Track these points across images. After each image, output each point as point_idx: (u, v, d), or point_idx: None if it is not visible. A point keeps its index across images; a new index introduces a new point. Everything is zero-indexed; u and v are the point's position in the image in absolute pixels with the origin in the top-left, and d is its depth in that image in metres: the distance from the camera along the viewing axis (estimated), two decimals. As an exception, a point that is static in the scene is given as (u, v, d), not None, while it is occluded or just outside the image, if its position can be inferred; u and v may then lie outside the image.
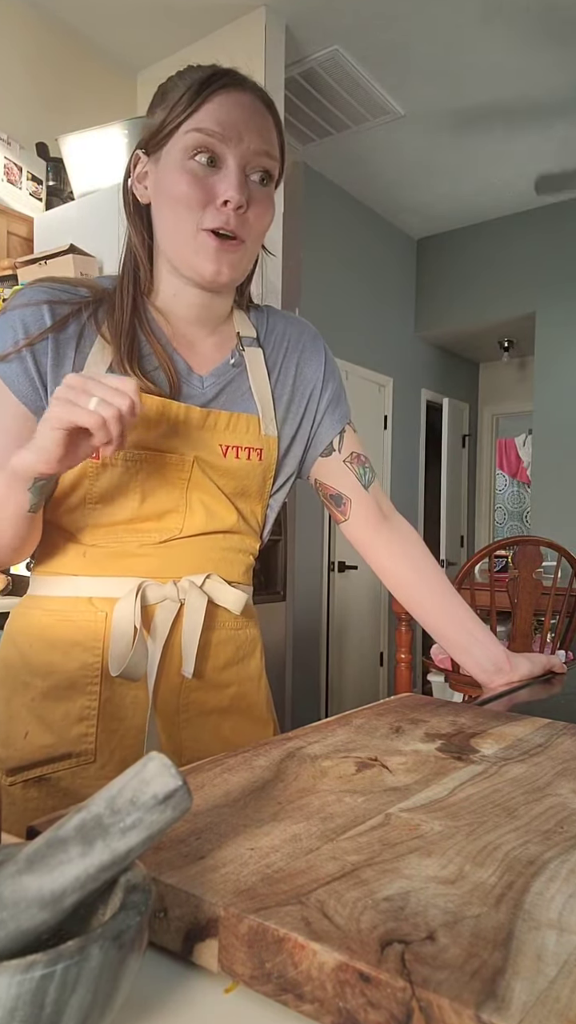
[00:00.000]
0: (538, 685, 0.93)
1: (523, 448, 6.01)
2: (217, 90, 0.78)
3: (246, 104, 0.79)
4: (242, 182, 0.78)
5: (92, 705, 0.80)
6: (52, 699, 0.80)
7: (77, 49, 2.99)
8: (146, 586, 0.80)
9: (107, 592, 0.81)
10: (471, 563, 2.67)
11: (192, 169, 0.78)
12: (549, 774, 0.55)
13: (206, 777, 0.53)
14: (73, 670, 0.80)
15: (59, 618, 0.81)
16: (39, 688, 0.80)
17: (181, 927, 0.36)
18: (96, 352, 0.80)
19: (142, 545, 0.81)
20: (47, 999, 0.26)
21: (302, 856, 0.40)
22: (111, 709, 0.80)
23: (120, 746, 0.80)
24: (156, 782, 0.32)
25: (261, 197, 0.80)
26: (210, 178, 0.78)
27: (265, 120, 0.80)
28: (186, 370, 0.85)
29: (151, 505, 0.81)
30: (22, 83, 2.80)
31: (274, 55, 2.86)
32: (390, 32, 2.90)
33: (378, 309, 4.58)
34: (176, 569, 0.83)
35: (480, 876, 0.39)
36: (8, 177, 2.61)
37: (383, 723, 0.68)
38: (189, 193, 0.77)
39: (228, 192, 0.77)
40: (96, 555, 0.81)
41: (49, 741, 0.79)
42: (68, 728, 0.79)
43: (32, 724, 0.80)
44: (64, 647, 0.80)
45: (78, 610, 0.81)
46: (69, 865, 0.31)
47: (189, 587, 0.82)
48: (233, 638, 0.87)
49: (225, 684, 0.86)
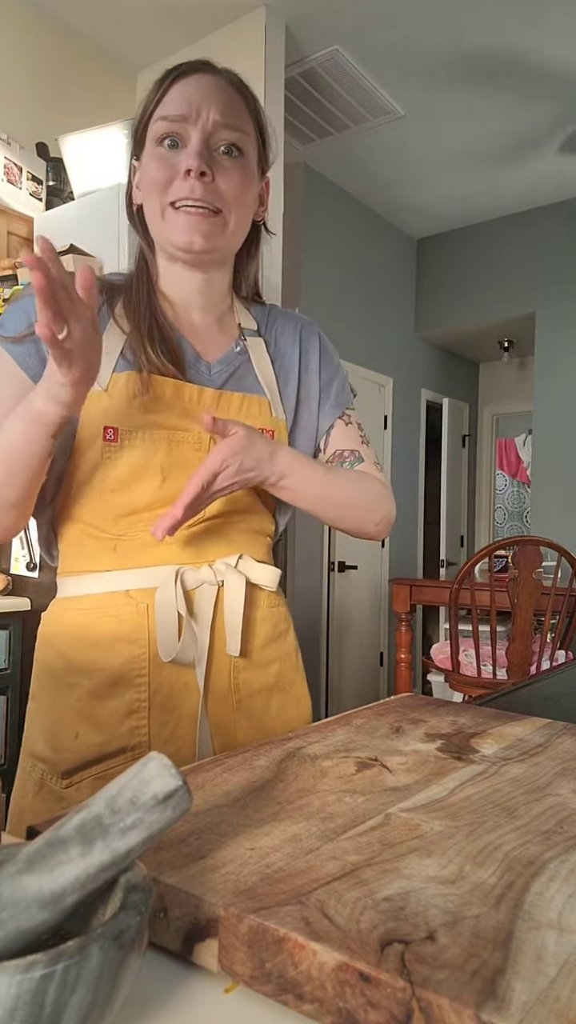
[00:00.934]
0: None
1: (523, 448, 6.01)
2: (177, 77, 0.82)
3: (206, 84, 0.82)
4: (203, 152, 0.80)
5: (142, 698, 0.80)
6: (99, 697, 0.80)
7: (77, 49, 2.99)
8: (183, 572, 0.81)
9: (144, 583, 0.81)
10: (471, 563, 2.67)
11: (159, 154, 0.81)
12: (549, 774, 0.55)
13: (206, 777, 0.53)
14: (118, 665, 0.80)
15: (98, 615, 0.81)
16: (85, 687, 0.80)
17: (181, 927, 0.36)
18: (108, 336, 0.82)
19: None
20: (47, 999, 0.26)
21: (302, 856, 0.40)
22: (160, 700, 0.80)
23: (174, 736, 0.81)
24: (156, 782, 0.32)
25: (229, 166, 0.82)
26: (174, 157, 0.81)
27: (228, 95, 0.82)
28: (194, 356, 0.87)
29: (171, 486, 0.81)
30: (22, 83, 2.80)
31: (274, 55, 2.86)
32: (390, 32, 2.90)
33: (378, 309, 4.58)
34: (208, 553, 0.84)
35: (480, 876, 0.39)
36: (8, 177, 2.61)
37: (383, 723, 0.68)
38: (157, 175, 0.81)
39: (188, 161, 0.79)
40: (126, 548, 0.81)
41: (101, 739, 0.79)
42: (119, 723, 0.80)
43: (81, 724, 0.80)
44: (106, 644, 0.80)
45: (116, 605, 0.81)
46: (69, 865, 0.31)
47: (225, 568, 0.83)
48: (270, 616, 0.89)
49: (268, 661, 0.88)
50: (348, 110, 3.43)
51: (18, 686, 2.18)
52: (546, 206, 4.39)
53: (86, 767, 0.79)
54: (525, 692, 0.98)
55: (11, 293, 2.26)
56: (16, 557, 2.23)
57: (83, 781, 0.79)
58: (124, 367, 0.81)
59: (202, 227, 0.81)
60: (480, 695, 0.91)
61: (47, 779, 0.80)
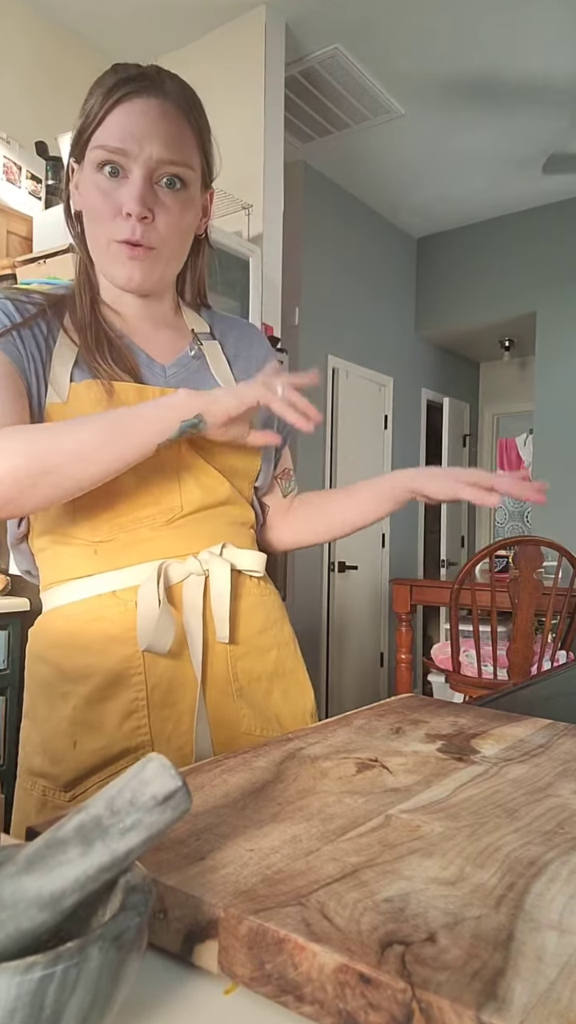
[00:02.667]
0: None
1: (524, 448, 6.01)
2: (120, 99, 0.78)
3: (151, 113, 0.78)
4: (144, 193, 0.78)
5: (140, 696, 0.80)
6: (96, 701, 0.79)
7: (76, 48, 2.99)
8: (167, 566, 0.81)
9: (129, 582, 0.81)
10: (472, 563, 2.67)
11: (98, 183, 0.80)
12: (550, 775, 0.55)
13: (206, 778, 0.53)
14: (112, 666, 0.80)
15: (86, 620, 0.81)
16: (80, 694, 0.80)
17: (181, 928, 0.36)
18: (60, 347, 0.82)
19: (152, 529, 0.82)
20: (47, 1000, 0.26)
21: (302, 857, 0.40)
22: (159, 696, 0.80)
23: (176, 732, 0.80)
24: (155, 783, 0.32)
25: (171, 203, 0.81)
26: (115, 191, 0.79)
27: (173, 125, 0.80)
28: (147, 360, 0.87)
29: (146, 487, 0.81)
30: (21, 82, 2.80)
31: (274, 54, 2.86)
32: (390, 31, 2.90)
33: (378, 309, 4.57)
34: (191, 545, 0.83)
35: (481, 877, 0.39)
36: (7, 176, 2.60)
37: (383, 724, 0.68)
38: (97, 207, 0.80)
39: (129, 204, 0.78)
40: (108, 551, 0.81)
41: (101, 743, 0.78)
42: (118, 726, 0.79)
43: (79, 733, 0.79)
44: (98, 647, 0.80)
45: (104, 607, 0.81)
46: (68, 866, 0.30)
47: (210, 557, 0.83)
48: (261, 603, 0.89)
49: (266, 648, 0.88)
50: (348, 109, 3.43)
51: (17, 686, 2.18)
52: (546, 206, 4.39)
53: (89, 775, 0.78)
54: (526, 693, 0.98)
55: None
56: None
57: (87, 790, 0.78)
58: (81, 376, 0.81)
59: (140, 265, 0.81)
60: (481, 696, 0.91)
61: (49, 795, 0.79)
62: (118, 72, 0.79)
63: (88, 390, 0.80)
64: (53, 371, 0.81)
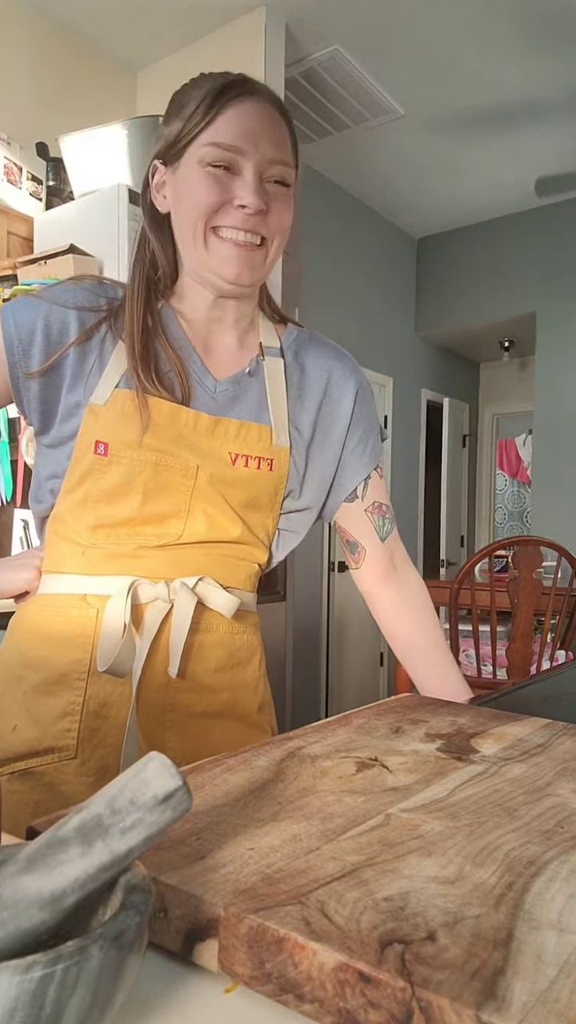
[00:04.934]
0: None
1: (523, 448, 6.01)
2: (231, 100, 0.79)
3: (261, 114, 0.80)
4: (259, 187, 0.79)
5: (77, 701, 0.81)
6: (41, 693, 0.81)
7: (77, 49, 2.99)
8: (138, 585, 0.81)
9: (101, 590, 0.81)
10: (471, 563, 2.67)
11: (208, 176, 0.79)
12: (549, 774, 0.55)
13: (206, 777, 0.53)
14: (63, 665, 0.81)
15: (53, 613, 0.83)
16: (31, 682, 0.82)
17: (181, 927, 0.36)
18: (116, 356, 0.82)
19: (140, 547, 0.82)
20: (47, 999, 0.26)
21: (302, 856, 0.40)
22: (95, 706, 0.81)
23: (101, 744, 0.81)
24: (156, 782, 0.32)
25: (280, 196, 0.81)
26: (227, 185, 0.79)
27: (280, 128, 0.81)
28: (201, 371, 0.86)
29: (151, 508, 0.81)
30: (22, 83, 2.80)
31: (274, 55, 2.86)
32: (390, 32, 2.90)
33: (378, 309, 4.57)
34: (171, 572, 0.83)
35: (480, 876, 0.39)
36: (8, 177, 2.61)
37: (383, 723, 0.68)
38: (208, 196, 0.79)
39: (246, 197, 0.78)
40: (94, 555, 0.82)
41: (34, 734, 0.80)
42: (53, 723, 0.80)
43: (21, 718, 0.81)
44: (56, 642, 0.82)
45: (72, 606, 0.82)
46: (69, 865, 0.30)
47: (180, 587, 0.82)
48: (226, 642, 0.86)
49: (217, 688, 0.85)
50: (348, 110, 3.43)
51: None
52: (546, 206, 4.39)
53: (16, 760, 0.80)
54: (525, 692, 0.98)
55: (11, 293, 2.25)
56: (16, 557, 2.23)
57: (12, 774, 0.80)
58: (126, 385, 0.81)
59: (249, 260, 0.81)
60: (480, 695, 0.91)
61: None
62: (215, 79, 0.81)
63: (124, 399, 0.81)
64: (105, 373, 0.81)
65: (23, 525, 2.28)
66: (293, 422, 0.89)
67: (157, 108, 2.96)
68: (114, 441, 0.80)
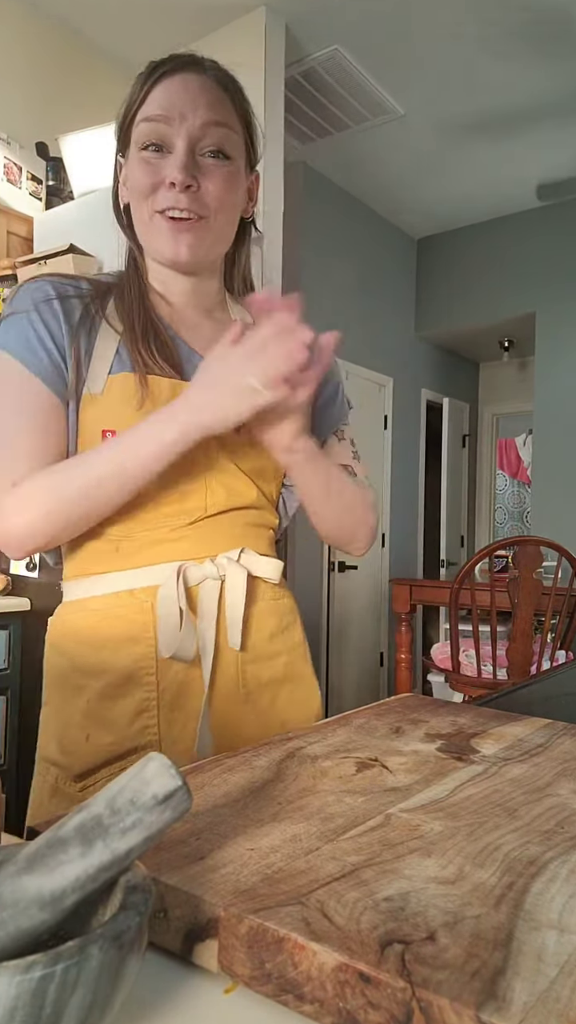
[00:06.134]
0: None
1: (523, 448, 6.01)
2: (160, 77, 0.80)
3: (192, 84, 0.80)
4: (187, 162, 0.79)
5: (151, 697, 0.80)
6: (108, 698, 0.80)
7: (77, 49, 2.99)
8: (185, 568, 0.81)
9: (147, 582, 0.81)
10: (471, 563, 2.67)
11: (142, 161, 0.80)
12: (549, 774, 0.55)
13: (206, 777, 0.53)
14: (126, 665, 0.80)
15: (103, 616, 0.81)
16: (94, 689, 0.80)
17: (181, 927, 0.36)
18: (102, 338, 0.82)
19: (173, 529, 0.82)
20: (47, 999, 0.26)
21: (302, 856, 0.40)
22: (169, 698, 0.80)
23: (183, 734, 0.81)
24: (156, 782, 0.32)
25: (215, 172, 0.81)
26: (159, 165, 0.80)
27: (214, 95, 0.80)
28: (187, 351, 0.86)
29: (171, 486, 0.81)
30: (22, 83, 2.80)
31: (274, 55, 2.86)
32: (390, 32, 2.90)
33: (378, 309, 4.57)
34: (210, 548, 0.83)
35: (480, 876, 0.39)
36: (8, 177, 2.61)
37: (383, 723, 0.68)
38: (140, 182, 0.80)
39: (172, 174, 0.78)
40: (129, 548, 0.81)
41: (111, 739, 0.79)
42: (129, 724, 0.80)
43: (91, 727, 0.80)
44: (113, 644, 0.80)
45: (122, 605, 0.81)
46: (69, 865, 0.30)
47: (227, 563, 0.83)
48: (274, 608, 0.89)
49: (275, 654, 0.88)
50: (348, 110, 3.43)
51: (18, 686, 2.18)
52: (546, 206, 4.39)
53: (99, 769, 0.79)
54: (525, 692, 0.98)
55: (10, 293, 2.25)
56: (16, 557, 2.23)
57: (97, 783, 0.79)
58: (119, 368, 0.81)
59: (187, 237, 0.80)
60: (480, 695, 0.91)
61: (60, 783, 0.80)
62: (154, 62, 0.81)
63: (123, 383, 0.80)
64: (93, 362, 0.81)
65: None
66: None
67: (157, 108, 2.94)
68: (122, 426, 0.79)
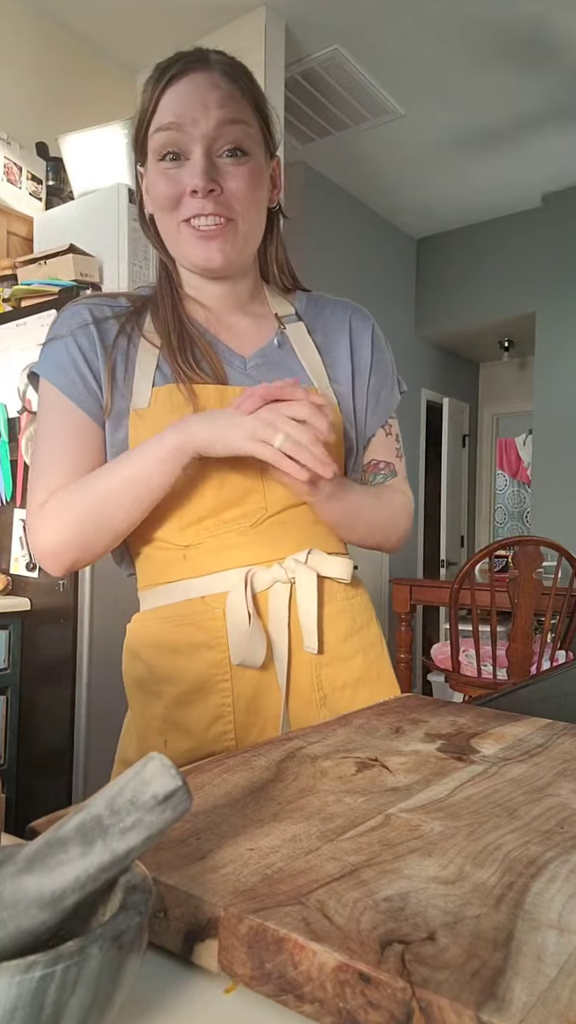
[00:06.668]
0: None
1: (523, 448, 6.01)
2: (167, 83, 0.79)
3: (200, 83, 0.78)
4: (207, 167, 0.78)
5: (226, 702, 0.80)
6: (185, 704, 0.80)
7: (77, 49, 2.99)
8: (253, 573, 0.81)
9: (217, 588, 0.81)
10: (471, 563, 2.67)
11: (162, 170, 0.80)
12: (549, 774, 0.55)
13: (206, 777, 0.53)
14: (201, 671, 0.80)
15: (177, 624, 0.82)
16: (171, 695, 0.81)
17: (181, 927, 0.36)
18: (142, 354, 0.83)
19: (239, 533, 0.82)
20: (47, 999, 0.26)
21: (302, 856, 0.40)
22: (245, 703, 0.81)
23: (260, 738, 0.81)
24: (156, 782, 0.32)
25: (236, 172, 0.80)
26: (178, 175, 0.79)
27: (223, 90, 0.79)
28: (227, 353, 0.86)
29: (229, 490, 0.81)
30: (22, 83, 2.80)
31: (274, 55, 2.86)
32: (390, 32, 2.90)
33: (378, 309, 4.53)
34: (277, 550, 0.83)
35: (480, 876, 0.39)
36: (8, 177, 2.61)
37: (383, 723, 0.68)
38: (163, 193, 0.80)
39: (193, 181, 0.78)
40: (196, 556, 0.81)
41: (189, 745, 0.79)
42: (206, 729, 0.80)
43: (169, 732, 0.80)
44: (187, 650, 0.81)
45: (194, 612, 0.81)
46: (69, 865, 0.30)
47: (295, 565, 0.82)
48: (347, 608, 0.87)
49: (351, 654, 0.86)
50: (348, 110, 3.43)
51: (18, 686, 2.18)
52: (546, 205, 4.39)
53: None
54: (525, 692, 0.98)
55: (11, 293, 2.25)
56: (16, 557, 2.23)
57: None
58: (162, 381, 0.81)
59: (217, 243, 0.80)
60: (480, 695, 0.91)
61: None
62: (161, 65, 0.80)
63: (169, 395, 0.80)
64: (136, 380, 0.81)
65: (23, 525, 2.28)
66: (333, 379, 0.89)
67: (157, 108, 2.93)
68: None
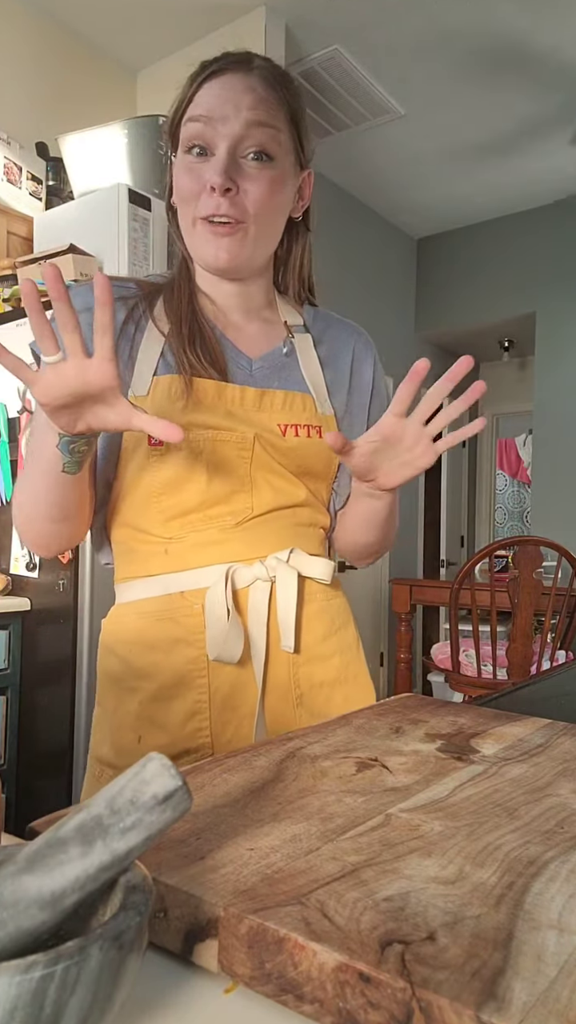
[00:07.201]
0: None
1: (523, 448, 6.01)
2: (208, 77, 0.79)
3: (236, 83, 0.79)
4: (228, 165, 0.78)
5: (202, 699, 0.80)
6: (161, 699, 0.80)
7: (77, 49, 2.99)
8: (234, 570, 0.81)
9: (197, 584, 0.81)
10: (471, 563, 2.67)
11: (187, 163, 0.80)
12: (549, 774, 0.55)
13: (206, 777, 0.53)
14: (178, 666, 0.80)
15: (155, 619, 0.81)
16: (147, 690, 0.80)
17: (181, 927, 0.36)
18: (147, 340, 0.82)
19: (222, 530, 0.82)
20: (47, 999, 0.26)
21: (302, 856, 0.40)
22: (221, 699, 0.80)
23: (236, 736, 0.81)
24: (156, 782, 0.32)
25: (257, 176, 0.80)
26: (201, 169, 0.79)
27: (258, 94, 0.79)
28: (234, 351, 0.86)
29: (217, 487, 0.81)
30: (22, 83, 2.80)
31: (274, 55, 2.86)
32: (390, 32, 2.90)
33: (378, 309, 4.57)
34: (259, 549, 0.83)
35: (480, 876, 0.39)
36: (8, 177, 2.61)
37: (383, 723, 0.68)
38: (185, 186, 0.80)
39: (212, 178, 0.77)
40: (178, 549, 0.81)
41: (164, 741, 0.79)
42: (182, 725, 0.80)
43: (144, 728, 0.80)
44: (165, 646, 0.81)
45: (173, 607, 0.81)
46: (69, 865, 0.30)
47: (277, 564, 0.82)
48: (326, 609, 0.88)
49: (328, 655, 0.87)
50: (348, 110, 3.43)
51: (18, 686, 2.18)
52: (546, 205, 4.39)
53: None
54: (525, 692, 0.98)
55: (11, 293, 2.25)
56: (16, 557, 2.23)
57: None
58: (164, 370, 0.81)
59: (225, 243, 0.80)
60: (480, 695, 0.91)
61: None
62: (205, 62, 0.81)
63: (168, 385, 0.80)
64: (138, 365, 0.81)
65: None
66: (331, 393, 0.90)
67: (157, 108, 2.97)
68: None
